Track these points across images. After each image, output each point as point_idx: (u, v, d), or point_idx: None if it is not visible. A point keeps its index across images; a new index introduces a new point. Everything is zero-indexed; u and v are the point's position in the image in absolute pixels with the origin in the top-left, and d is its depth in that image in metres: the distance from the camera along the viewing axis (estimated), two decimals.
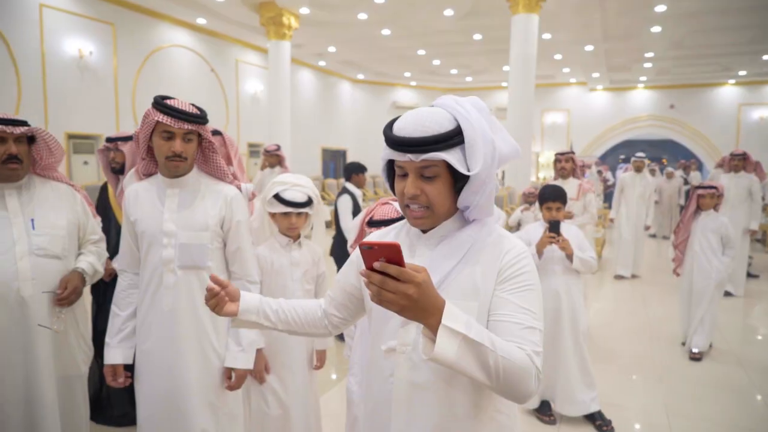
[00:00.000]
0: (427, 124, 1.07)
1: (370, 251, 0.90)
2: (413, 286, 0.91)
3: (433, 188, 1.09)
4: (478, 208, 1.12)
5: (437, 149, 1.05)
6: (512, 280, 1.09)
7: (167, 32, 10.53)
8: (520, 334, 1.04)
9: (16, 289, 1.86)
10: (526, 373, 1.00)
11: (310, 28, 11.08)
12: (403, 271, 0.91)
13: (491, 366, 0.97)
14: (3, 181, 1.94)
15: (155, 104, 1.77)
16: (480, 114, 1.12)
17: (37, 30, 8.18)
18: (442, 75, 16.35)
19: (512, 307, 1.07)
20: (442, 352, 0.94)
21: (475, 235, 1.13)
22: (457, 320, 0.96)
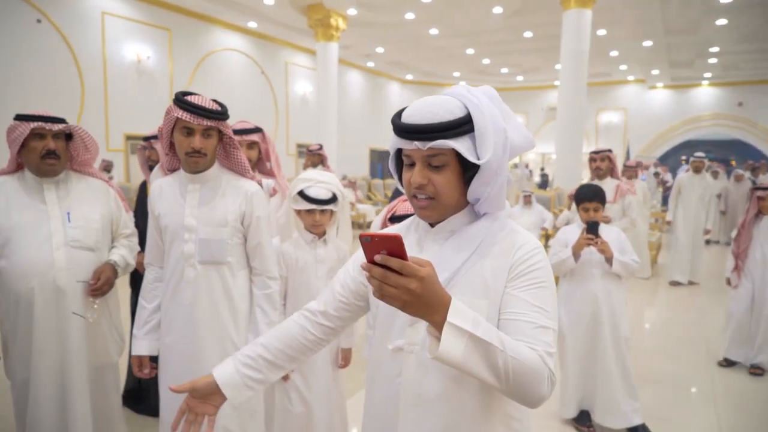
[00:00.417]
0: (436, 111, 1.02)
1: (371, 243, 0.86)
2: (416, 281, 0.86)
3: (441, 178, 1.04)
4: (489, 201, 1.06)
5: (445, 137, 1.01)
6: (524, 276, 1.03)
7: (220, 36, 10.86)
8: (532, 334, 0.98)
9: (52, 278, 1.94)
10: (538, 375, 0.94)
11: (357, 29, 11.15)
12: (406, 264, 0.86)
13: (500, 367, 0.91)
14: (42, 176, 2.02)
15: (175, 100, 1.79)
16: (492, 102, 1.06)
17: (99, 37, 8.62)
18: (492, 74, 16.08)
19: (524, 305, 1.01)
20: (447, 350, 0.89)
21: (486, 230, 1.08)
22: (463, 317, 0.91)
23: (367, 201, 12.52)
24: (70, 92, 8.26)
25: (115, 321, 2.20)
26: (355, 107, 15.16)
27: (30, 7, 7.62)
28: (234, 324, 1.94)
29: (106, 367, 2.14)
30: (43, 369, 1.95)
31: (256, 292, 1.99)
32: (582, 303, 2.89)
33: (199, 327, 1.89)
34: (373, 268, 0.87)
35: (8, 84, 7.39)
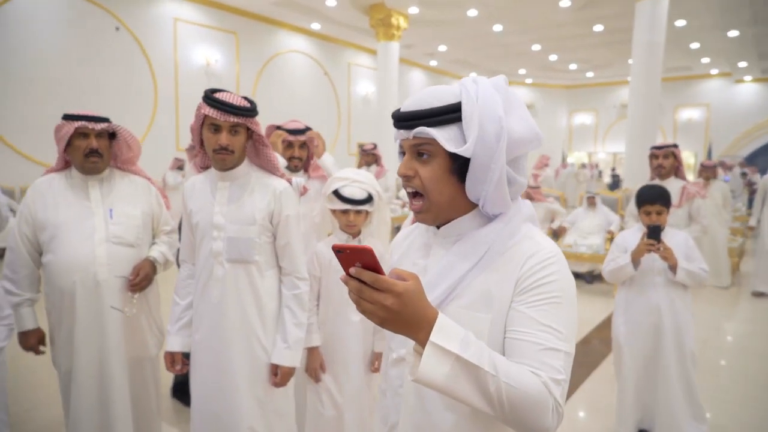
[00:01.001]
0: (427, 99, 0.95)
1: (344, 255, 0.80)
2: (392, 296, 0.79)
3: (427, 170, 0.96)
4: (490, 201, 0.96)
5: (428, 124, 0.93)
6: (533, 291, 0.92)
7: (284, 38, 11.12)
8: (538, 357, 0.87)
9: (93, 273, 2.00)
10: (538, 405, 0.83)
11: (419, 27, 11.06)
12: (379, 278, 0.79)
13: (492, 393, 0.82)
14: (87, 173, 2.09)
15: (204, 98, 1.79)
16: (496, 90, 0.96)
17: (171, 42, 9.06)
18: (560, 71, 15.49)
19: (531, 323, 0.90)
20: (427, 373, 0.81)
21: (495, 236, 0.97)
22: (450, 337, 0.82)
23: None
24: (144, 96, 8.72)
25: (154, 316, 2.24)
26: None
27: (109, 16, 8.12)
28: (261, 323, 1.92)
29: (145, 360, 2.18)
30: (84, 360, 2.01)
31: (285, 293, 1.96)
32: (642, 313, 2.66)
33: (227, 325, 1.88)
34: (350, 281, 0.81)
35: (89, 89, 7.90)
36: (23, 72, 7.19)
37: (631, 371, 2.70)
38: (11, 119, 7.08)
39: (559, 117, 17.89)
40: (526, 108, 1.01)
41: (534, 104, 17.52)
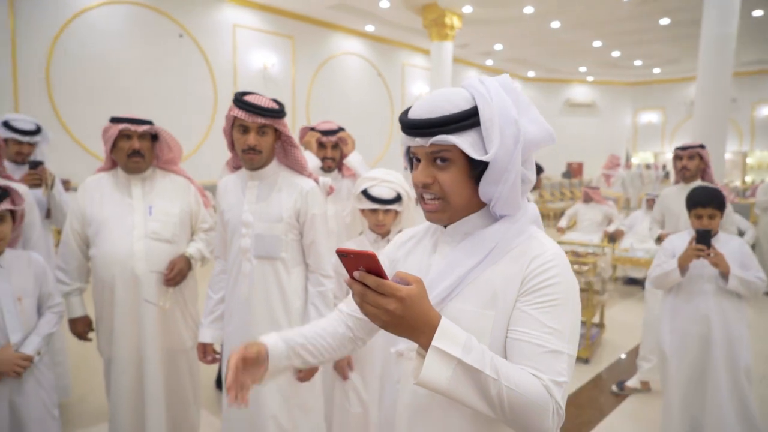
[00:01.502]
0: (440, 104, 0.95)
1: (347, 260, 0.82)
2: (395, 301, 0.81)
3: (447, 176, 0.97)
4: (502, 202, 0.97)
5: (447, 131, 0.93)
6: (538, 292, 0.92)
7: (339, 41, 11.29)
8: (540, 359, 0.88)
9: (131, 267, 2.12)
10: (539, 407, 0.84)
11: (474, 26, 10.92)
12: (382, 283, 0.81)
13: (494, 397, 0.83)
14: (130, 172, 2.22)
15: (234, 100, 1.86)
16: (505, 92, 0.97)
17: (230, 47, 9.41)
18: (624, 67, 14.84)
19: (534, 324, 0.90)
20: (430, 377, 0.82)
21: (501, 235, 0.98)
22: (452, 341, 0.83)
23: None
24: (204, 100, 9.11)
25: (190, 309, 2.34)
26: None
27: (173, 23, 8.54)
28: (287, 319, 1.96)
29: (180, 351, 2.28)
30: (122, 350, 2.13)
31: (311, 290, 2.00)
32: (689, 322, 2.51)
33: (254, 319, 1.94)
34: (354, 284, 0.83)
35: (153, 94, 8.34)
36: (95, 79, 7.69)
37: (678, 383, 2.55)
38: (85, 123, 7.58)
39: (623, 115, 17.14)
40: (535, 108, 1.01)
41: (595, 102, 16.89)
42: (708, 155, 3.43)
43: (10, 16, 6.88)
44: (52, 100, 7.33)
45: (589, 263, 4.46)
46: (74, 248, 2.22)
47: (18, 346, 1.86)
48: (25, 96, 7.08)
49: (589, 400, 3.44)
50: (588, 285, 4.44)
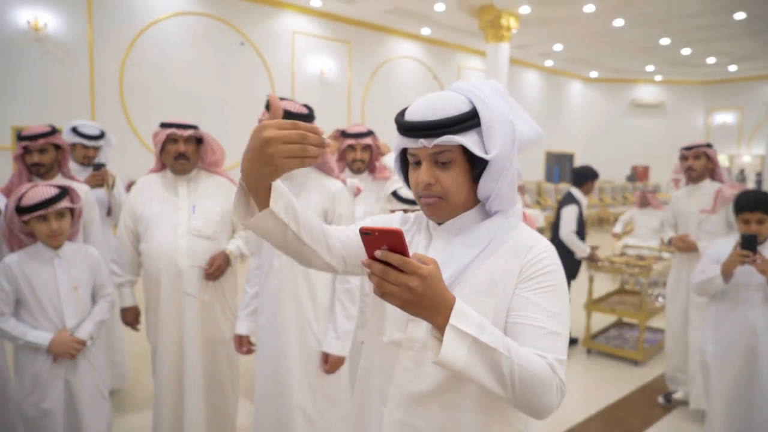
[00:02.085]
0: (440, 106, 1.01)
1: (371, 238, 0.83)
2: (417, 278, 0.83)
3: (449, 176, 1.02)
4: (500, 197, 1.04)
5: (452, 132, 0.99)
6: (536, 279, 0.99)
7: (395, 45, 11.40)
8: (543, 340, 0.94)
9: (175, 262, 2.28)
10: (546, 384, 0.89)
11: (532, 27, 10.72)
12: (407, 261, 0.83)
13: (506, 374, 0.87)
14: (177, 173, 2.39)
15: (266, 106, 1.96)
16: (497, 96, 1.04)
17: (289, 54, 9.73)
18: (695, 65, 14.05)
19: (535, 308, 0.97)
20: (449, 355, 0.85)
21: (497, 229, 1.05)
22: (468, 320, 0.87)
23: (536, 206, 11.95)
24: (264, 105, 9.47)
25: (229, 303, 2.48)
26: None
27: (234, 32, 8.94)
28: (314, 313, 2.05)
29: (219, 342, 2.42)
30: (165, 339, 2.29)
31: (338, 287, 2.08)
32: (734, 331, 2.39)
33: (283, 313, 2.04)
34: (374, 264, 0.85)
35: (217, 100, 8.76)
36: (163, 85, 8.18)
37: (721, 396, 2.43)
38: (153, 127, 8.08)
39: (695, 116, 16.22)
40: (524, 110, 1.09)
41: (664, 103, 16.08)
42: (716, 154, 3.32)
43: (89, 29, 7.46)
44: (124, 106, 7.87)
45: (642, 265, 4.32)
46: (126, 243, 2.41)
47: (73, 331, 2.05)
48: (101, 101, 7.64)
49: (632, 410, 3.33)
50: (641, 288, 4.31)
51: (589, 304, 4.47)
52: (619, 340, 4.52)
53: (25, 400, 2.00)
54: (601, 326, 4.90)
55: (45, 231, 1.99)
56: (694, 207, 3.33)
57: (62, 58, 7.28)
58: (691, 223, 3.34)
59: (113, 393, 3.33)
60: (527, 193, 11.68)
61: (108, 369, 3.22)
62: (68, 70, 7.34)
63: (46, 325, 2.01)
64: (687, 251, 3.32)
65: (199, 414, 2.30)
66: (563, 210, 4.28)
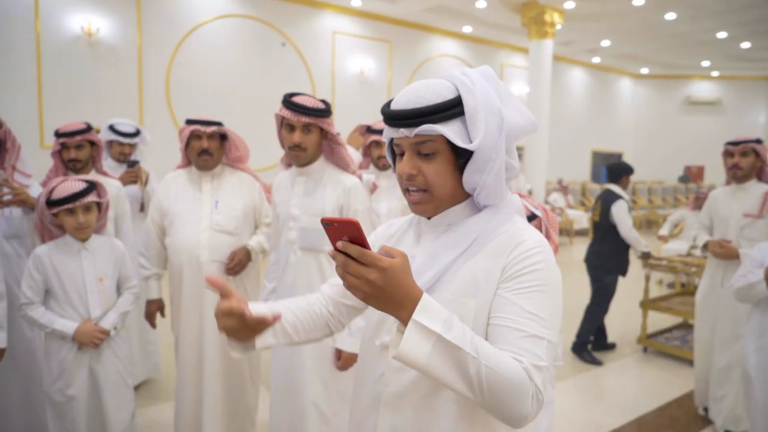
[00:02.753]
0: (423, 94, 0.96)
1: (331, 228, 0.83)
2: (376, 271, 0.81)
3: (432, 167, 0.97)
4: (486, 191, 0.98)
5: (432, 121, 0.94)
6: (519, 278, 0.93)
7: (436, 43, 11.32)
8: (520, 344, 0.88)
9: (197, 255, 2.32)
10: (519, 390, 0.83)
11: (578, 23, 10.40)
12: (365, 253, 0.82)
13: (473, 376, 0.82)
14: (201, 169, 2.43)
15: (282, 101, 1.97)
16: (487, 82, 0.98)
17: (329, 54, 9.82)
18: (756, 60, 13.28)
19: (515, 310, 0.90)
20: (409, 351, 0.82)
21: (484, 224, 0.99)
22: (433, 317, 0.84)
23: (580, 207, 11.60)
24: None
25: (251, 298, 2.50)
26: (577, 107, 14.15)
27: (276, 33, 9.10)
28: None
29: None
30: (186, 331, 2.34)
31: None
32: None
33: None
34: (337, 255, 0.84)
35: (259, 99, 8.93)
36: (207, 85, 8.41)
37: (764, 411, 2.27)
38: None
39: (755, 114, 15.34)
40: (516, 97, 1.02)
41: (721, 100, 15.29)
42: (765, 151, 2.98)
43: (138, 33, 7.76)
44: (170, 105, 8.14)
45: (698, 264, 4.19)
46: (154, 237, 2.47)
47: (97, 321, 2.11)
48: (148, 101, 7.94)
49: (671, 419, 3.17)
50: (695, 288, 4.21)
51: (646, 302, 4.44)
52: (680, 341, 4.46)
53: (52, 385, 2.08)
54: (665, 326, 4.87)
55: (72, 224, 2.07)
56: (737, 209, 3.02)
57: (113, 61, 7.60)
58: (731, 227, 3.04)
59: (146, 383, 3.44)
60: (570, 194, 11.36)
61: (141, 360, 3.35)
62: (118, 72, 7.66)
63: (72, 314, 2.08)
64: (725, 258, 3.00)
65: (217, 407, 2.34)
66: (614, 207, 4.11)
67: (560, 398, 3.38)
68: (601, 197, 4.30)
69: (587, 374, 3.92)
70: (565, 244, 10.11)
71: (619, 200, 4.13)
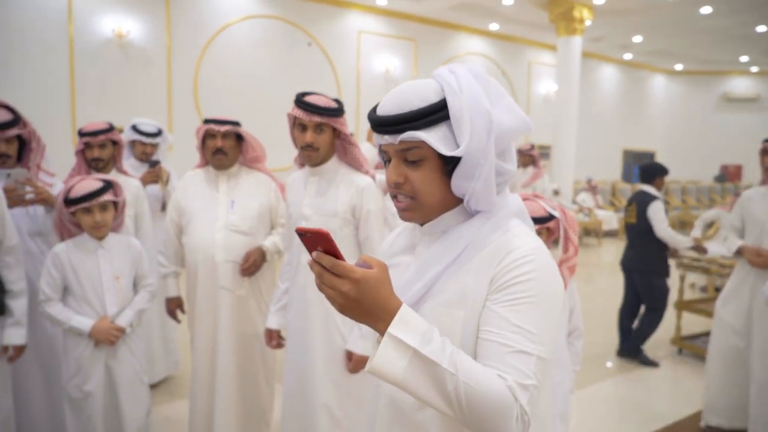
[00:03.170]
0: (408, 98, 0.91)
1: (305, 239, 0.82)
2: (349, 283, 0.80)
3: (418, 175, 0.93)
4: (476, 198, 0.92)
5: (415, 127, 0.89)
6: (507, 289, 0.87)
7: (462, 41, 11.21)
8: (506, 360, 0.83)
9: (212, 255, 2.33)
10: (501, 410, 0.79)
11: (608, 18, 10.15)
12: (337, 263, 0.80)
13: (450, 392, 0.79)
14: (216, 169, 2.44)
15: (294, 100, 1.96)
16: (476, 81, 0.92)
17: (354, 53, 9.82)
18: None
19: (501, 323, 0.85)
20: (383, 365, 0.80)
21: (476, 231, 0.94)
22: (410, 330, 0.81)
23: (610, 207, 11.33)
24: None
25: (266, 298, 2.50)
26: (607, 105, 13.82)
27: (302, 32, 9.14)
28: None
29: (253, 336, 2.44)
30: (200, 330, 2.36)
31: None
32: None
33: (310, 308, 2.03)
34: (314, 265, 0.83)
35: (285, 99, 8.98)
36: (234, 85, 8.49)
37: None
38: None
39: None
40: (509, 96, 0.95)
41: (761, 96, 14.71)
42: None
43: (167, 35, 7.90)
44: (197, 105, 8.26)
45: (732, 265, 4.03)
46: (172, 236, 2.49)
47: (114, 318, 2.14)
48: (177, 101, 8.07)
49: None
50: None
51: (680, 303, 4.36)
52: None
53: (69, 381, 2.12)
54: (698, 331, 4.74)
55: (89, 222, 2.10)
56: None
57: (142, 63, 7.76)
58: (766, 231, 2.84)
59: (166, 380, 3.49)
60: (600, 194, 11.10)
61: (162, 357, 3.39)
62: (147, 73, 7.81)
63: (89, 311, 2.11)
64: (764, 268, 2.80)
65: (230, 406, 2.34)
66: (650, 208, 4.01)
67: (585, 405, 3.30)
68: (635, 198, 4.18)
69: (624, 376, 3.85)
70: (593, 245, 9.89)
71: (656, 201, 4.02)
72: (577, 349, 2.09)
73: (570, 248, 1.77)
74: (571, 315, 2.03)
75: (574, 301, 2.04)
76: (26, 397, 2.42)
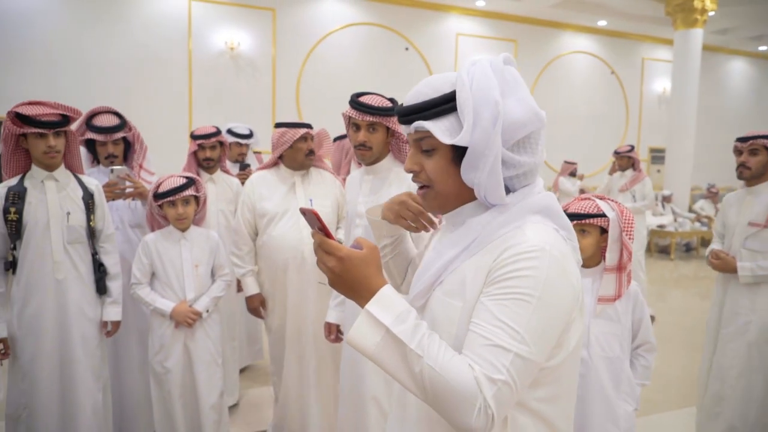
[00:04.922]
0: (424, 90, 0.97)
1: (307, 218, 0.94)
2: (334, 259, 0.89)
3: (432, 163, 0.98)
4: (483, 189, 0.93)
5: (424, 117, 0.94)
6: (500, 284, 0.88)
7: (566, 40, 10.73)
8: (480, 351, 0.84)
9: (302, 252, 2.47)
10: (463, 398, 0.80)
11: (737, 7, 9.20)
12: (324, 241, 0.90)
13: (417, 373, 0.83)
14: (305, 168, 2.56)
15: (349, 101, 2.03)
16: (492, 71, 0.92)
17: (452, 56, 9.80)
18: None
19: (486, 316, 0.87)
20: (358, 338, 0.86)
21: (486, 224, 0.95)
22: (386, 309, 0.86)
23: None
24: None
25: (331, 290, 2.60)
26: (733, 103, 12.46)
27: (400, 38, 9.30)
28: None
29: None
30: (291, 322, 2.51)
31: None
32: None
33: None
34: (313, 241, 0.93)
35: None
36: (334, 91, 8.76)
37: None
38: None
39: None
40: (526, 87, 0.95)
41: None
42: None
43: (273, 45, 8.44)
44: (299, 110, 8.73)
45: None
46: (245, 236, 2.61)
47: (192, 303, 2.35)
48: (281, 107, 8.58)
49: None
50: None
51: None
52: None
53: (154, 357, 2.37)
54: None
55: (173, 215, 2.33)
56: (744, 216, 2.53)
57: (251, 72, 8.36)
58: (737, 237, 2.55)
59: (249, 367, 3.73)
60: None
61: (247, 345, 3.64)
62: (255, 81, 8.39)
63: (171, 295, 2.34)
64: (722, 271, 2.59)
65: (329, 390, 2.53)
66: None
67: None
68: None
69: None
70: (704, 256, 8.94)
71: None
72: (649, 363, 1.94)
73: (624, 254, 1.65)
74: (639, 327, 1.90)
75: (642, 312, 1.90)
76: (125, 369, 2.72)
